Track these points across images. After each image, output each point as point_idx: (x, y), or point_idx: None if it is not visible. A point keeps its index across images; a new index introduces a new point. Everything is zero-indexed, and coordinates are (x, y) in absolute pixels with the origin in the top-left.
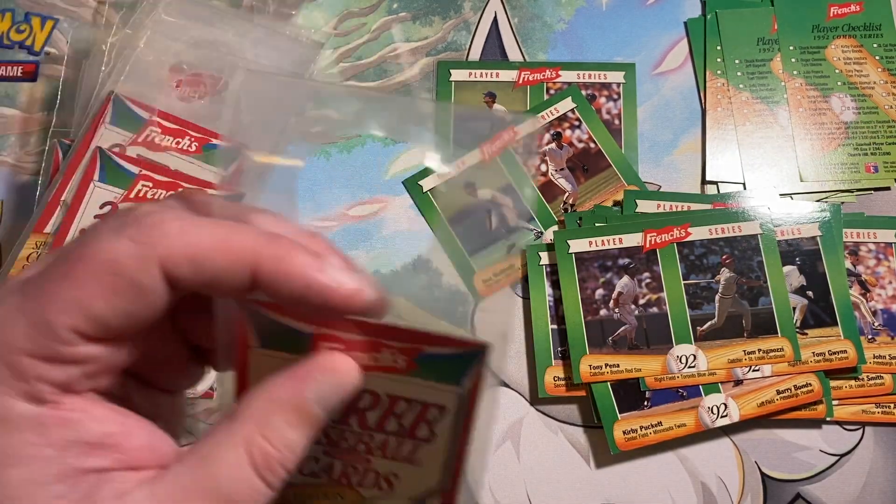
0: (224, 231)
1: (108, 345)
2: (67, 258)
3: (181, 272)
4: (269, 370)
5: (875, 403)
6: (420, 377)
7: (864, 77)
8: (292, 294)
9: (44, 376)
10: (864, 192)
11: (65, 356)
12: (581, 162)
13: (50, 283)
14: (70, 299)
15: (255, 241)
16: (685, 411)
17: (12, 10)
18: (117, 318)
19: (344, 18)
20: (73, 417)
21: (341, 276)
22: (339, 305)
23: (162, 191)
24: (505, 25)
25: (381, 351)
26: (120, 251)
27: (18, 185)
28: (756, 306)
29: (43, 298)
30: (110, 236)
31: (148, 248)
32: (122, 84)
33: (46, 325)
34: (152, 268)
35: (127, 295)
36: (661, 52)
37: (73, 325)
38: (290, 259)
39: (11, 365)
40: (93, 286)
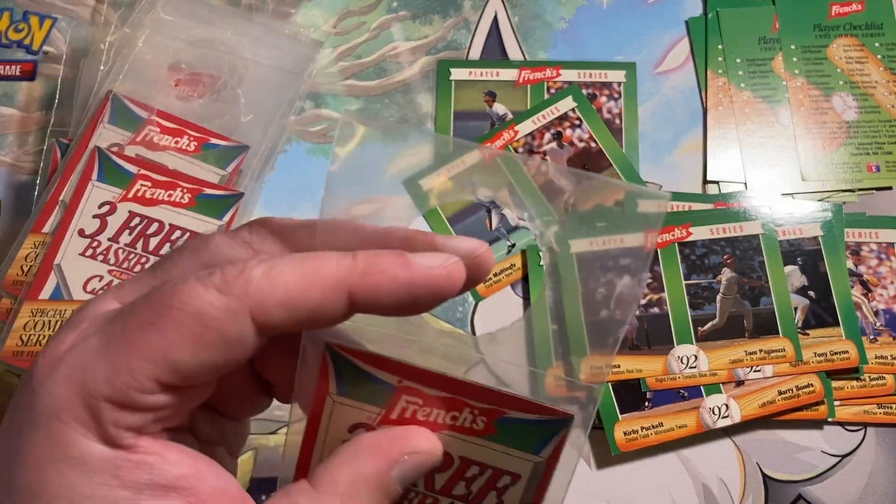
0: (309, 265)
1: (187, 391)
2: (153, 304)
3: (274, 318)
4: (343, 420)
5: (877, 404)
6: (497, 441)
7: (866, 76)
8: (392, 303)
9: (120, 421)
10: (865, 192)
11: (143, 404)
12: (582, 161)
13: (134, 329)
14: (155, 349)
15: (339, 266)
16: (686, 412)
17: (10, 8)
18: (202, 369)
19: (343, 17)
20: (147, 461)
21: (429, 261)
22: (441, 291)
23: (161, 190)
24: (505, 24)
25: (461, 410)
26: (208, 303)
27: (16, 185)
28: (757, 306)
29: (126, 345)
30: (196, 286)
31: (236, 299)
32: (121, 83)
33: (129, 374)
34: (243, 319)
35: (214, 347)
36: (662, 51)
37: (156, 376)
38: (377, 270)
39: (90, 408)
40: (179, 337)
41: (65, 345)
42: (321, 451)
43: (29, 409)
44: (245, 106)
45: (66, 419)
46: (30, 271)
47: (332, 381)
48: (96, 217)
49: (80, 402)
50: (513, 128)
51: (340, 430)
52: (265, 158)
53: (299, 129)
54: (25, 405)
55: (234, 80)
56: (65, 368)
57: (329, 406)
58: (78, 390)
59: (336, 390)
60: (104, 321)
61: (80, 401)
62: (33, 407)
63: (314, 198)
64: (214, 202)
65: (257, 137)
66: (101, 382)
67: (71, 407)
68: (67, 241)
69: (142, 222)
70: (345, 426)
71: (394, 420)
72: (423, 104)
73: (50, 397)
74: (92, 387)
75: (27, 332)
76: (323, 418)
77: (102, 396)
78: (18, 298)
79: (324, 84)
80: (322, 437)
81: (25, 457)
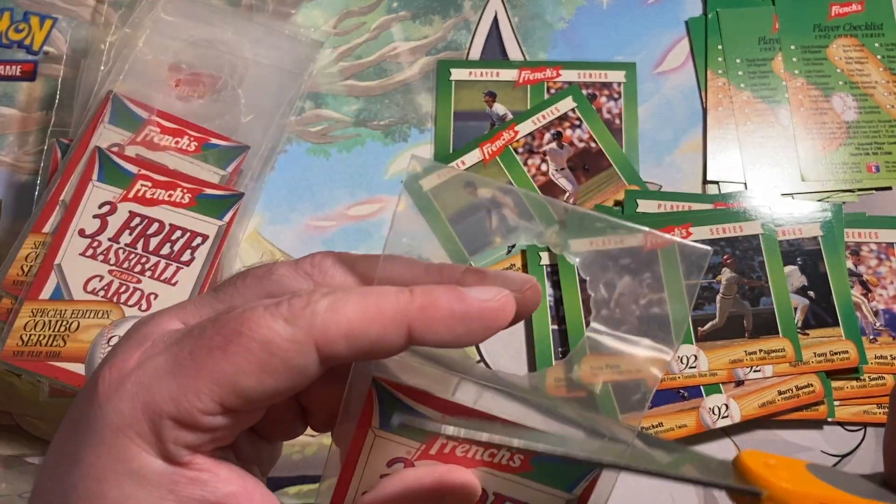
0: (371, 300)
1: (244, 414)
2: (222, 330)
3: (337, 349)
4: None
5: (877, 404)
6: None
7: (866, 76)
8: (448, 335)
9: (180, 440)
10: (865, 192)
11: (204, 425)
12: (582, 161)
13: (203, 353)
14: (222, 374)
15: (399, 301)
16: (686, 412)
17: (11, 9)
18: (264, 395)
19: (343, 17)
20: (202, 477)
21: (482, 294)
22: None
23: (161, 190)
24: (505, 24)
25: (499, 448)
26: (276, 333)
27: (17, 185)
28: (757, 306)
29: (194, 368)
30: (265, 315)
31: (303, 330)
32: (121, 83)
33: (195, 396)
34: (308, 350)
35: (279, 375)
36: (662, 52)
37: (221, 399)
38: (434, 304)
39: (153, 425)
40: (246, 364)
41: (132, 361)
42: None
43: (93, 422)
44: (245, 106)
45: (130, 435)
46: (30, 271)
47: (376, 416)
48: (96, 217)
49: (145, 419)
50: (513, 128)
51: (379, 463)
52: (265, 158)
53: (299, 129)
54: (90, 417)
55: (234, 80)
56: (132, 385)
57: (370, 439)
58: (143, 408)
59: (379, 424)
60: (170, 341)
61: (144, 418)
62: (98, 420)
63: (314, 198)
64: (214, 202)
65: (257, 137)
66: (167, 402)
67: (135, 423)
68: (68, 241)
69: (142, 222)
70: (384, 460)
71: (432, 456)
72: (423, 104)
73: (116, 413)
74: (158, 405)
75: (27, 332)
76: (363, 450)
77: (167, 415)
78: (19, 298)
79: (324, 84)
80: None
81: (87, 468)
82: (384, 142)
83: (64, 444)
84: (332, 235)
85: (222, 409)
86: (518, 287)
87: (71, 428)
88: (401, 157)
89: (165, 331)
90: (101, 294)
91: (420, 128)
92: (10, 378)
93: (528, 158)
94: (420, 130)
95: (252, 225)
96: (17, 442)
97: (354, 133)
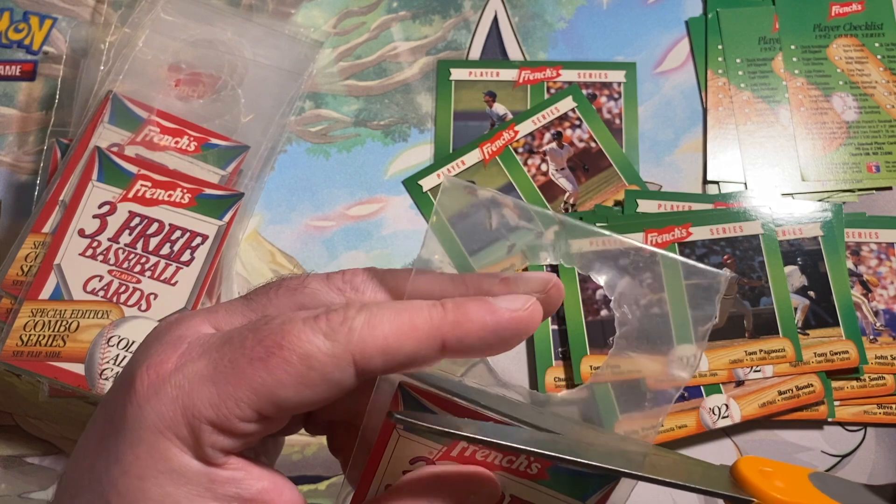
0: (405, 317)
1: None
2: (262, 341)
3: (374, 364)
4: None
5: (877, 404)
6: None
7: (866, 76)
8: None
9: (217, 444)
10: (865, 192)
11: (240, 431)
12: (582, 161)
13: (244, 363)
14: (262, 384)
15: (432, 316)
16: (686, 412)
17: (10, 8)
18: (300, 405)
19: (343, 17)
20: (236, 476)
21: (510, 304)
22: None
23: (161, 190)
24: (505, 24)
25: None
26: (315, 347)
27: (16, 185)
28: (757, 306)
29: (235, 377)
30: (305, 329)
31: (341, 346)
32: (121, 83)
33: (235, 404)
34: (345, 364)
35: (316, 387)
36: (662, 52)
37: (259, 408)
38: (466, 318)
39: (192, 428)
40: (286, 376)
41: (169, 364)
42: (381, 477)
43: (132, 421)
44: (245, 106)
45: (170, 436)
46: (30, 271)
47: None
48: (96, 217)
49: (184, 423)
50: (513, 128)
51: (402, 461)
52: (265, 158)
53: (299, 129)
54: (127, 416)
55: (234, 80)
56: (171, 389)
57: (395, 438)
58: (183, 412)
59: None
60: (209, 346)
61: (184, 421)
62: (138, 420)
63: (314, 198)
64: (214, 202)
65: (257, 137)
66: (207, 408)
67: (174, 426)
68: (67, 241)
69: (142, 222)
70: (407, 458)
71: (453, 457)
72: (423, 104)
73: (156, 414)
74: (198, 410)
75: (27, 332)
76: (388, 448)
77: (206, 420)
78: (18, 298)
79: (324, 84)
80: (384, 464)
81: (127, 466)
82: (384, 142)
83: (100, 440)
84: (331, 235)
85: (258, 417)
86: (542, 287)
87: (107, 425)
88: (401, 157)
89: (200, 334)
90: (101, 294)
91: (420, 128)
92: (9, 378)
93: (528, 158)
94: (420, 130)
95: (252, 225)
96: (16, 442)
97: (354, 133)
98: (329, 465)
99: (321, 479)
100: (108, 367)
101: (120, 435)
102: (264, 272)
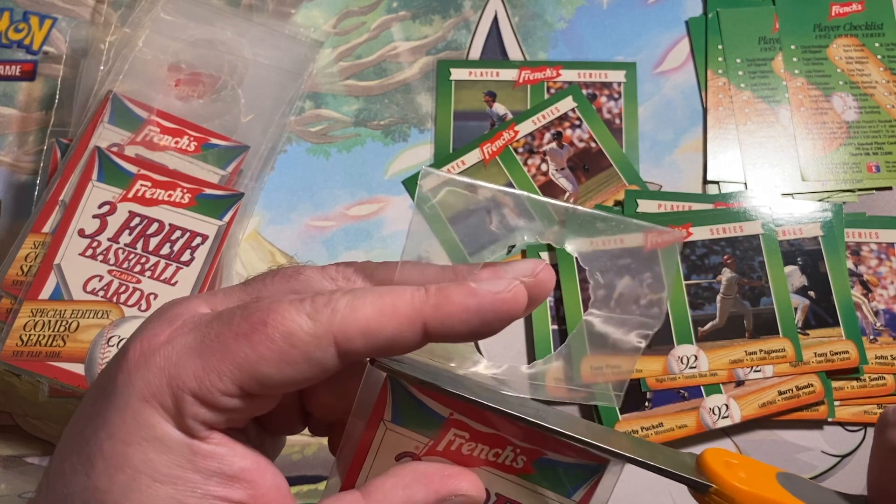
0: (387, 299)
1: (259, 400)
2: (248, 318)
3: (355, 345)
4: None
5: (877, 404)
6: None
7: (866, 76)
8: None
9: (198, 415)
10: (865, 192)
11: (222, 405)
12: (582, 161)
13: (229, 338)
14: (245, 359)
15: (414, 300)
16: (686, 412)
17: (10, 8)
18: (282, 383)
19: (343, 17)
20: (218, 451)
21: (493, 287)
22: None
23: (161, 190)
24: (505, 24)
25: (504, 447)
26: (298, 326)
27: (16, 185)
28: (758, 306)
29: (220, 351)
30: (290, 308)
31: (323, 326)
32: (121, 83)
33: (217, 377)
34: (327, 344)
35: (298, 366)
36: (663, 52)
37: (241, 382)
38: (448, 301)
39: (175, 398)
40: (269, 353)
41: (161, 337)
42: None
43: (122, 388)
44: (245, 106)
45: (154, 404)
46: (30, 271)
47: (389, 409)
48: (96, 217)
49: (168, 392)
50: (513, 128)
51: (389, 456)
52: (265, 158)
53: (299, 129)
54: (118, 383)
55: (234, 80)
56: (160, 359)
57: (381, 431)
58: (168, 381)
59: (391, 417)
60: (200, 323)
61: (168, 391)
62: (126, 387)
63: (314, 198)
64: (214, 202)
65: (257, 137)
66: (191, 379)
67: (159, 394)
68: (67, 241)
69: (142, 222)
70: (393, 452)
71: (439, 452)
72: (423, 104)
73: (143, 382)
74: (182, 380)
75: (27, 332)
76: (374, 442)
77: (189, 391)
78: (18, 298)
79: (324, 84)
80: (370, 459)
81: (113, 429)
82: (384, 142)
83: (92, 405)
84: (331, 235)
85: (241, 392)
86: (530, 273)
87: (99, 393)
88: (401, 157)
89: (195, 313)
90: (101, 294)
91: (420, 128)
92: (9, 378)
93: (528, 158)
94: (420, 130)
95: (252, 225)
96: (16, 442)
97: (354, 133)
98: (329, 465)
99: (321, 479)
100: None
101: (109, 401)
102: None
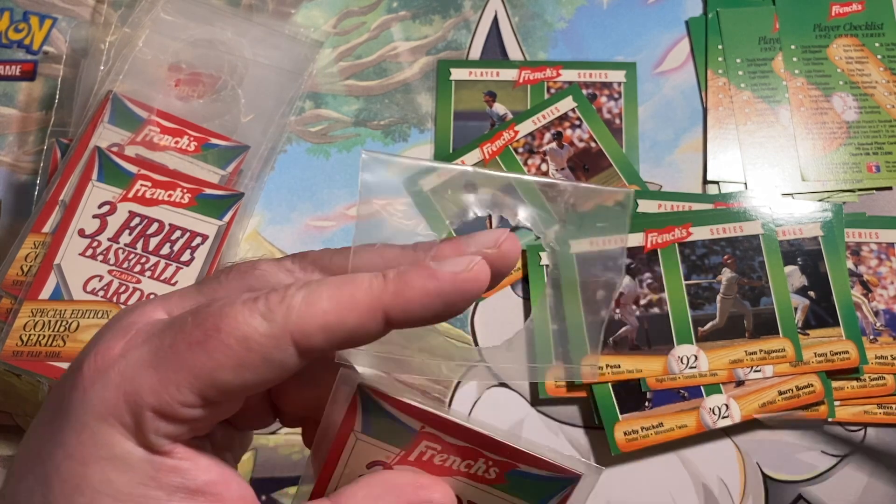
0: (345, 290)
1: (222, 405)
2: (201, 325)
3: (314, 342)
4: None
5: (877, 404)
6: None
7: (866, 76)
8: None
9: (160, 430)
10: (866, 192)
11: (184, 417)
12: (582, 161)
13: (183, 348)
14: (201, 368)
15: (372, 288)
16: (686, 412)
17: (10, 8)
18: (243, 387)
19: (343, 17)
20: (181, 466)
21: (453, 267)
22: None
23: (161, 190)
24: (505, 24)
25: (476, 459)
26: (253, 329)
27: (16, 185)
28: (758, 306)
29: (175, 362)
30: (243, 310)
31: (279, 326)
32: (121, 83)
33: (175, 389)
34: (285, 344)
35: (257, 369)
36: (663, 51)
37: (200, 392)
38: (407, 286)
39: (135, 415)
40: (225, 359)
41: (115, 350)
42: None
43: (77, 407)
44: (245, 106)
45: (112, 422)
46: (30, 271)
47: (359, 420)
48: (96, 217)
49: (127, 409)
50: (513, 128)
51: (359, 464)
52: (265, 158)
53: (299, 129)
54: (73, 401)
55: (234, 80)
56: (115, 375)
57: (352, 441)
58: (126, 398)
59: (361, 428)
60: (153, 332)
61: (126, 408)
62: (82, 405)
63: (314, 198)
64: (214, 202)
65: (257, 137)
66: (149, 394)
67: (117, 412)
68: (67, 241)
69: (142, 222)
70: (364, 461)
71: (411, 462)
72: (423, 104)
73: (99, 400)
74: (139, 396)
75: (27, 332)
76: (345, 451)
77: (148, 406)
78: (18, 298)
79: (324, 84)
80: (341, 468)
81: (71, 450)
82: (384, 142)
83: (48, 425)
84: (331, 235)
85: (202, 402)
86: (493, 243)
87: (55, 410)
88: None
89: (149, 320)
90: (101, 294)
91: (420, 128)
92: (9, 378)
93: (528, 158)
94: (420, 130)
95: (252, 225)
96: (16, 442)
97: (354, 133)
98: None
99: None
100: None
101: (65, 420)
102: None
